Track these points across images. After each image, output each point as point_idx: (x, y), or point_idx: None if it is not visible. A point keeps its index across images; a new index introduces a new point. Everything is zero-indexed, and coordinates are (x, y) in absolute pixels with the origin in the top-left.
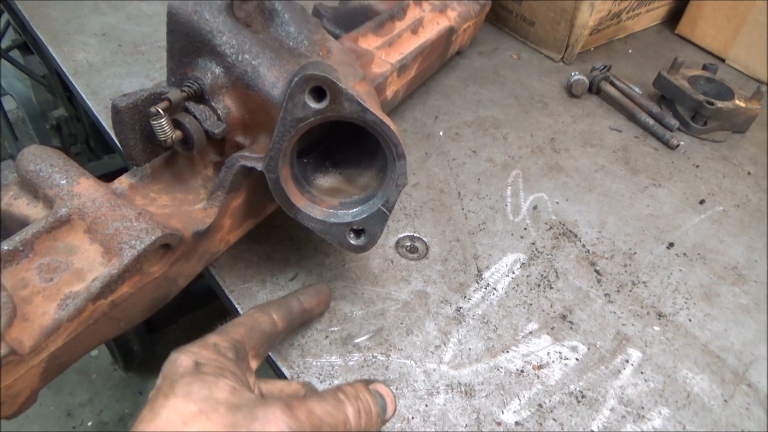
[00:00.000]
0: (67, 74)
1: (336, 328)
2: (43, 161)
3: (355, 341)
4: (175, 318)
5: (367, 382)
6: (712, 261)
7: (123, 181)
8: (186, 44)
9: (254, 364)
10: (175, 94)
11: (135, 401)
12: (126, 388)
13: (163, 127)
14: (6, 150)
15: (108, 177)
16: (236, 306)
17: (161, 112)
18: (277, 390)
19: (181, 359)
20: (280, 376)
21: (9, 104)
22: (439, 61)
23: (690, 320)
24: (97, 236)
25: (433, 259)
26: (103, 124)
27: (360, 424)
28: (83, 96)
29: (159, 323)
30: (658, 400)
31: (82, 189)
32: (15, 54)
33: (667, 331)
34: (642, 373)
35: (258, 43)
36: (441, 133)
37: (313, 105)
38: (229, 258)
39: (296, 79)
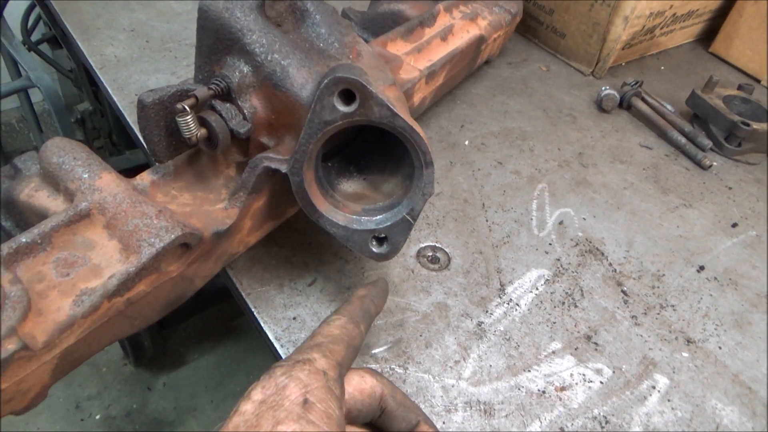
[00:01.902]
0: (94, 68)
1: None
2: (66, 154)
3: (373, 352)
4: (186, 316)
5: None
6: (744, 287)
7: (145, 178)
8: (215, 41)
9: None
10: (202, 92)
11: (143, 396)
12: (135, 383)
13: (189, 125)
14: (31, 142)
15: (129, 172)
16: (252, 309)
17: (187, 108)
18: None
19: (291, 389)
20: None
21: (36, 96)
22: (467, 69)
23: (720, 348)
24: (116, 232)
25: (454, 271)
26: (128, 119)
27: None
28: (109, 90)
29: (170, 320)
30: (685, 430)
31: (104, 184)
32: (44, 47)
33: (696, 358)
34: (669, 400)
35: (288, 44)
36: (466, 142)
37: (342, 108)
38: (247, 260)
39: (326, 81)
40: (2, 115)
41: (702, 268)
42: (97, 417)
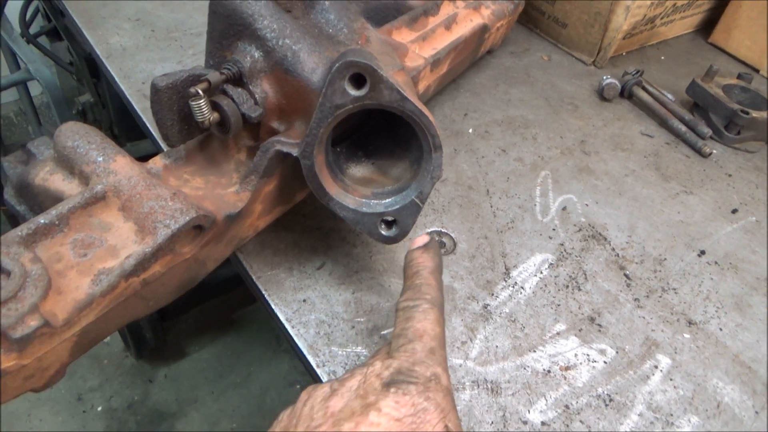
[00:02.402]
0: (101, 57)
1: (362, 319)
2: (80, 138)
3: (382, 333)
4: (187, 308)
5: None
6: (744, 271)
7: (157, 162)
8: (227, 26)
9: None
10: (214, 76)
11: (145, 388)
12: (136, 375)
13: (202, 109)
14: (29, 135)
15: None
16: (263, 292)
17: (201, 93)
18: None
19: (431, 413)
20: (305, 363)
21: (34, 89)
22: (470, 58)
23: (721, 329)
24: (131, 214)
25: (460, 255)
26: (135, 107)
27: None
28: (116, 79)
29: (171, 312)
30: (687, 408)
31: (119, 167)
32: (43, 41)
33: (697, 339)
34: (671, 379)
35: (298, 29)
36: (470, 130)
37: (353, 92)
38: (256, 244)
39: (337, 65)
40: (1, 108)
41: (703, 252)
42: (99, 409)
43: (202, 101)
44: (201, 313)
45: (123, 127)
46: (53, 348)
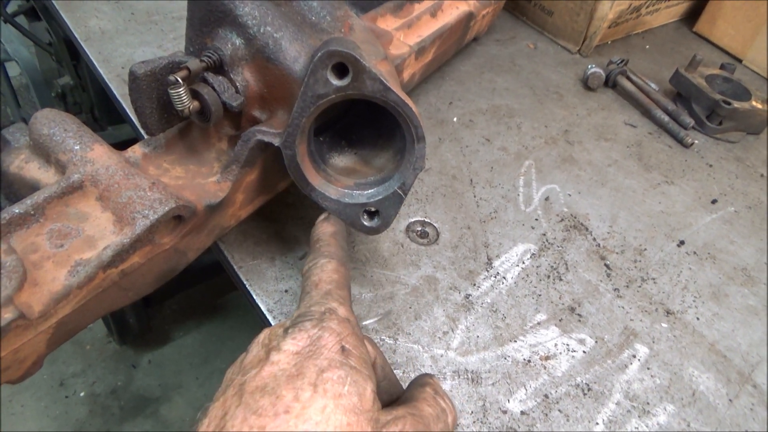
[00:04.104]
0: (79, 40)
1: None
2: (56, 125)
3: (364, 323)
4: (171, 293)
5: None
6: (722, 261)
7: (136, 150)
8: (207, 13)
9: None
10: (194, 64)
11: (128, 374)
12: (120, 361)
13: (181, 97)
14: (8, 117)
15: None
16: (245, 282)
17: (180, 81)
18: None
19: (326, 338)
20: None
21: (13, 70)
22: (456, 46)
23: (698, 319)
24: (109, 204)
25: (443, 245)
26: (114, 92)
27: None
28: (95, 63)
29: (156, 297)
30: (663, 396)
31: (96, 156)
32: (21, 20)
33: (674, 329)
34: (648, 368)
35: (281, 16)
36: (455, 119)
37: (335, 82)
38: (239, 234)
39: (319, 54)
40: None
41: (682, 242)
42: (82, 394)
43: (181, 89)
44: (186, 299)
45: (104, 111)
46: (29, 340)
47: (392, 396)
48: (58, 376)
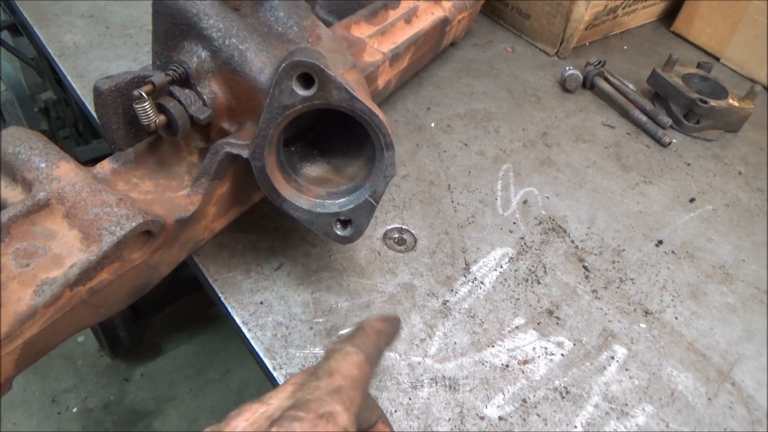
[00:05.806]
0: (53, 56)
1: (320, 320)
2: (22, 143)
3: (340, 333)
4: (162, 305)
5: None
6: (700, 260)
7: (105, 166)
8: (171, 26)
9: None
10: (159, 78)
11: (121, 388)
12: (112, 375)
13: (147, 111)
14: None
15: (96, 162)
16: (220, 295)
17: (144, 95)
18: None
19: None
20: (262, 366)
21: None
22: (432, 51)
23: (676, 318)
24: (76, 221)
25: (420, 252)
26: (89, 107)
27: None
28: (69, 78)
29: (146, 310)
30: (642, 397)
31: (62, 173)
32: (5, 35)
33: (653, 329)
34: (627, 370)
35: (246, 28)
36: (432, 124)
37: (301, 92)
38: (213, 246)
39: (284, 65)
40: None
41: (660, 242)
42: (75, 410)
43: (146, 104)
44: (177, 310)
45: (87, 125)
46: None
47: (370, 422)
48: (50, 393)
